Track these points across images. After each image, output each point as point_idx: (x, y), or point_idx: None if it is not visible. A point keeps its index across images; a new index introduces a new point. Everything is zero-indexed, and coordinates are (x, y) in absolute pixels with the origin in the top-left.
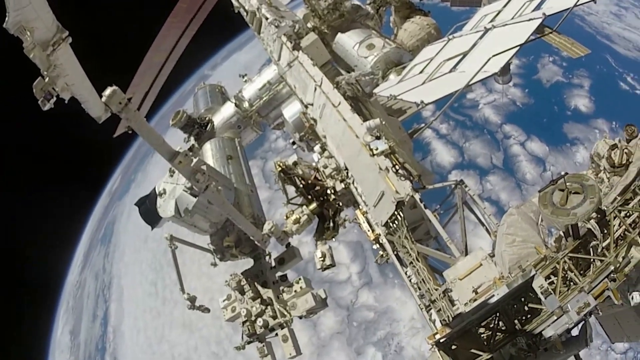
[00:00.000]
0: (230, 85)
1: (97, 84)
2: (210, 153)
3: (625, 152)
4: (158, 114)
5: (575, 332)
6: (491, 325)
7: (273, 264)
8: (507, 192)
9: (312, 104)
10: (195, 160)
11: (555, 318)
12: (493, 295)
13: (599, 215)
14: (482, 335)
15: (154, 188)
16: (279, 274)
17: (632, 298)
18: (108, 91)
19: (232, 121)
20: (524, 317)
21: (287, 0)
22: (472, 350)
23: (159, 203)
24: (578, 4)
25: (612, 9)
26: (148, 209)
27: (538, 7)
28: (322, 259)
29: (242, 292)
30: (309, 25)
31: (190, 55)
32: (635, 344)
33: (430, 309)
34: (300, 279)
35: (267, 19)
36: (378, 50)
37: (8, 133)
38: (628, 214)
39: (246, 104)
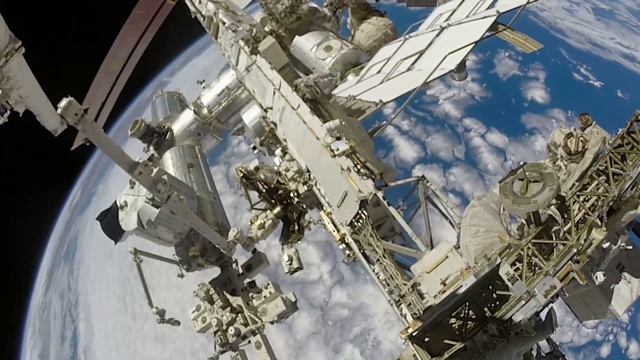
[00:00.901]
0: (189, 92)
1: (52, 96)
2: (170, 162)
3: (581, 140)
4: (116, 124)
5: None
6: (462, 315)
7: (240, 271)
8: (471, 183)
9: (271, 108)
10: (155, 170)
11: (524, 302)
12: (461, 286)
13: (558, 201)
14: (453, 326)
15: (115, 201)
16: (247, 280)
17: (596, 278)
18: (63, 102)
19: (192, 128)
20: (493, 305)
21: (244, 5)
22: (445, 341)
23: (120, 216)
24: (530, 1)
25: (565, 5)
26: (110, 223)
27: (492, 5)
28: (289, 262)
29: (212, 302)
30: (266, 29)
31: (147, 63)
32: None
33: (401, 304)
34: (269, 284)
35: (224, 23)
36: (336, 51)
37: None
38: (587, 198)
39: (205, 111)
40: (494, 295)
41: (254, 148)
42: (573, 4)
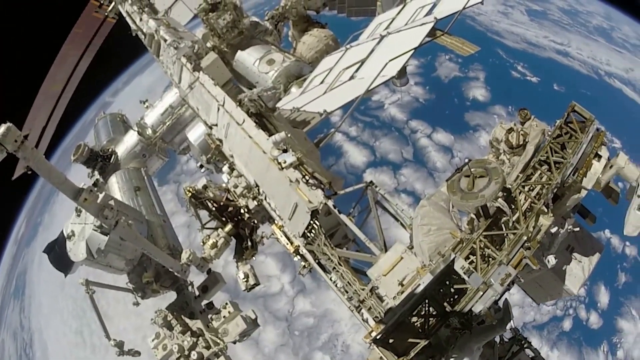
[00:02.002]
0: (134, 112)
1: None
2: (116, 186)
3: (522, 134)
4: (59, 149)
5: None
6: (423, 313)
7: (197, 293)
8: (421, 182)
9: (216, 125)
10: (101, 195)
11: (482, 293)
12: (419, 284)
13: (505, 194)
14: (416, 324)
15: (62, 231)
16: (205, 302)
17: (548, 261)
18: (2, 129)
19: (137, 150)
20: (452, 299)
21: (186, 21)
22: (410, 340)
23: (68, 247)
24: (466, 6)
25: (500, 8)
26: (58, 255)
27: (429, 12)
28: (245, 279)
29: (171, 328)
30: (208, 44)
31: (89, 83)
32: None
33: (361, 309)
34: (227, 303)
35: (165, 40)
36: (278, 64)
37: None
38: (531, 188)
39: (149, 131)
40: (452, 290)
41: (201, 167)
42: (507, 7)
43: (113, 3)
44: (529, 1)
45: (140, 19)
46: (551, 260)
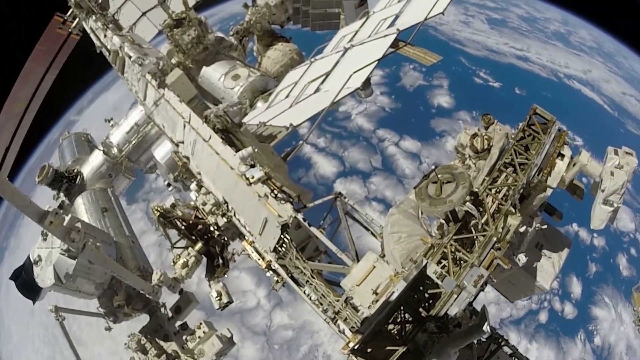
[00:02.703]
0: (99, 130)
1: None
2: (83, 208)
3: (486, 138)
4: (23, 171)
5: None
6: (399, 320)
7: (170, 314)
8: (391, 189)
9: (182, 142)
10: (67, 218)
11: (456, 296)
12: (393, 292)
13: (472, 197)
14: (393, 331)
15: (28, 256)
16: (179, 323)
17: (519, 260)
18: None
19: (102, 170)
20: (427, 304)
21: (150, 37)
22: (388, 348)
23: (36, 272)
24: (428, 17)
25: (461, 18)
26: (25, 282)
27: (392, 24)
28: (218, 298)
29: (145, 352)
30: (173, 61)
31: (53, 102)
32: None
33: (337, 321)
34: (201, 323)
35: (130, 57)
36: (243, 79)
37: None
38: (498, 190)
39: (115, 150)
40: (426, 295)
41: (169, 185)
42: (468, 17)
43: (77, 19)
44: (488, 10)
45: (105, 35)
46: (522, 258)
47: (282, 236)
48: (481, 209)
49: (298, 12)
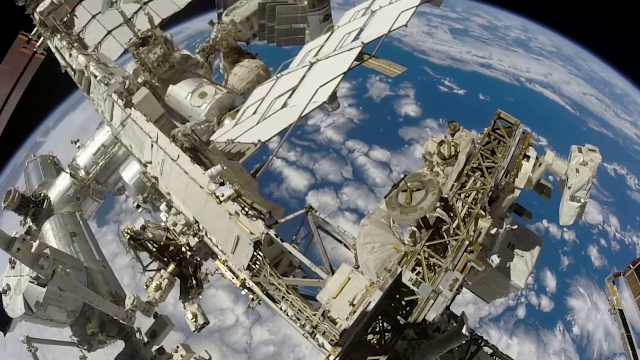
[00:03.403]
0: (66, 152)
1: None
2: (51, 233)
3: (453, 145)
4: None
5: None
6: (377, 329)
7: (146, 339)
8: (363, 199)
9: (150, 162)
10: (35, 244)
11: (432, 301)
12: (370, 302)
13: (442, 203)
14: (372, 341)
15: None
16: (155, 347)
17: (492, 261)
18: None
19: (70, 193)
20: (404, 311)
21: (116, 56)
22: (369, 358)
23: (5, 302)
24: (391, 30)
25: (424, 29)
26: None
27: (357, 37)
28: (194, 320)
29: None
30: (139, 80)
31: (18, 123)
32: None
33: (315, 335)
34: (178, 346)
35: (95, 77)
36: (210, 97)
37: None
38: (467, 194)
39: (82, 173)
40: (403, 303)
41: (138, 206)
42: (431, 27)
43: (42, 38)
44: (451, 20)
45: (70, 55)
46: (495, 259)
47: (255, 253)
48: (452, 214)
49: (263, 28)
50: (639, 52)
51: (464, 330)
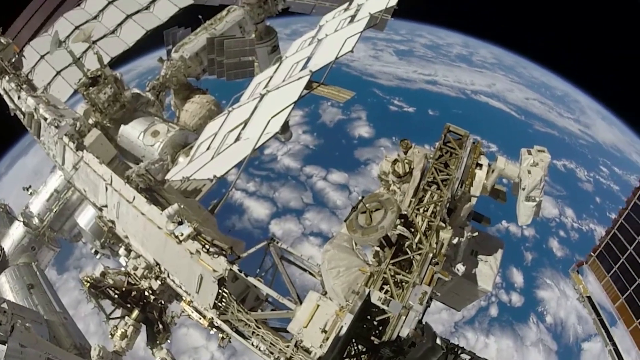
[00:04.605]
0: (19, 199)
1: None
2: (7, 286)
3: (406, 162)
4: None
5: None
6: (353, 353)
7: None
8: (326, 222)
9: (106, 206)
10: None
11: (404, 317)
12: (342, 327)
13: (402, 220)
14: None
15: None
16: None
17: (458, 270)
18: None
19: (24, 243)
20: (377, 331)
21: (66, 97)
22: None
23: None
24: (338, 56)
25: (370, 53)
26: None
27: (305, 67)
28: None
29: None
30: (90, 121)
31: None
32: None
33: None
34: None
35: (45, 119)
36: (163, 135)
37: None
38: (426, 209)
39: (36, 221)
40: (375, 323)
41: (96, 252)
42: (377, 51)
43: None
44: (395, 43)
45: (19, 97)
46: (460, 268)
47: (220, 291)
48: (413, 230)
49: (213, 62)
50: (578, 55)
51: (438, 341)
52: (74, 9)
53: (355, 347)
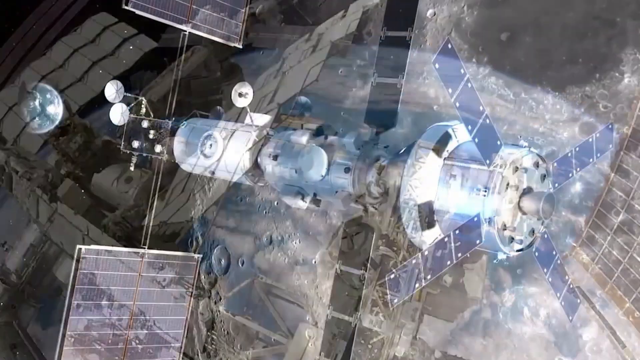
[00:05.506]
0: None
1: None
2: None
3: (381, 183)
4: None
5: None
6: None
7: None
8: (310, 249)
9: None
10: None
11: (399, 336)
12: (336, 355)
13: (384, 240)
14: None
15: None
16: None
17: (445, 282)
18: None
19: (4, 302)
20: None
21: (37, 148)
22: None
23: None
24: (304, 87)
25: (337, 80)
26: None
27: (272, 100)
28: None
29: None
30: (62, 171)
31: None
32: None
33: None
34: None
35: (17, 172)
36: (137, 181)
37: None
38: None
39: (14, 277)
40: (370, 346)
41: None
42: (343, 77)
43: None
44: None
45: None
46: (447, 280)
47: (208, 333)
48: (395, 248)
49: (180, 104)
50: None
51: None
52: (39, 58)
53: None
